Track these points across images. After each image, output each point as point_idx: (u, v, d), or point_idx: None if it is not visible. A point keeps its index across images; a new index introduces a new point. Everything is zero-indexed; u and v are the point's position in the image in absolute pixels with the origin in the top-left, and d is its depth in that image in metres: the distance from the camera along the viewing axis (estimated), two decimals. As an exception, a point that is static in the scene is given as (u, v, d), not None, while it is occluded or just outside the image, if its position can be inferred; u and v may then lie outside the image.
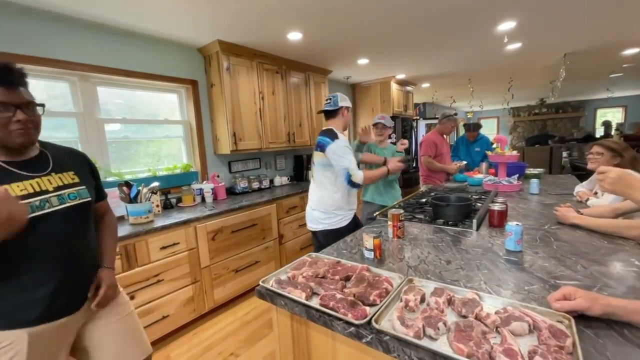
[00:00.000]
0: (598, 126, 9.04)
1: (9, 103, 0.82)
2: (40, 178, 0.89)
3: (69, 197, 0.93)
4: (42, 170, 0.92)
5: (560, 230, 1.43)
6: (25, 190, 0.85)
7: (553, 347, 0.64)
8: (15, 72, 0.85)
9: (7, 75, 0.83)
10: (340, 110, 1.94)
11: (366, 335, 0.75)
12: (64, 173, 0.96)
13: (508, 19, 2.58)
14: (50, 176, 0.92)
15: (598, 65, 4.58)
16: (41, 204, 0.86)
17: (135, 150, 2.58)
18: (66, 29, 2.05)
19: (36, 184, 0.87)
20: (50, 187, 0.90)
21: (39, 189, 0.87)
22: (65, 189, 0.93)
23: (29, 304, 0.87)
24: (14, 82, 0.84)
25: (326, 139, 1.84)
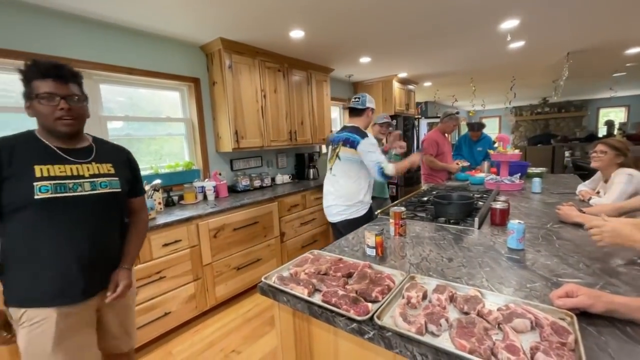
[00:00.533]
0: (601, 126, 9.01)
1: (54, 94, 0.94)
2: (80, 165, 1.01)
3: (100, 185, 1.04)
4: (84, 159, 1.03)
5: (563, 229, 1.43)
6: (64, 172, 0.97)
7: (555, 344, 0.64)
8: (64, 69, 0.99)
9: (58, 70, 0.96)
10: (366, 111, 2.08)
11: (368, 332, 0.76)
12: (102, 164, 1.07)
13: (511, 17, 2.57)
14: (90, 165, 1.04)
15: (601, 64, 4.55)
16: (74, 186, 0.97)
17: (137, 148, 2.59)
18: (69, 27, 2.06)
19: (75, 169, 0.99)
20: (87, 173, 1.01)
21: (76, 174, 0.99)
22: (99, 177, 1.04)
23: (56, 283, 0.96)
24: (62, 77, 0.96)
25: (356, 136, 1.95)
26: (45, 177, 0.93)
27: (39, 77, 0.94)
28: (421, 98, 7.14)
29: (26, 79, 0.96)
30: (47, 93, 0.94)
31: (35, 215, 0.92)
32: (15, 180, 0.90)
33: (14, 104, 1.98)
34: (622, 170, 1.71)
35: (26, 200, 0.91)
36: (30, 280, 0.95)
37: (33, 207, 0.91)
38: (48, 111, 0.95)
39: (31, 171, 0.92)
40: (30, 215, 0.92)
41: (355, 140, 1.93)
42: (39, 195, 0.91)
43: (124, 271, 1.15)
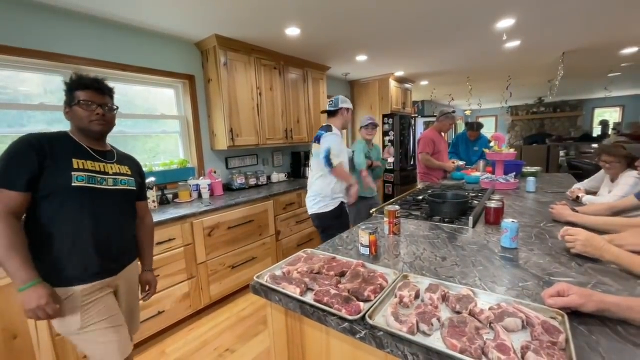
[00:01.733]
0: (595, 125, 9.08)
1: (94, 102, 1.12)
2: (106, 164, 1.18)
3: (121, 182, 1.20)
4: (109, 160, 1.21)
5: (556, 228, 1.43)
6: (94, 168, 1.13)
7: (546, 343, 0.64)
8: (103, 83, 1.17)
9: (99, 84, 1.15)
10: (340, 111, 2.23)
11: (360, 331, 0.75)
12: (122, 166, 1.25)
13: (507, 17, 2.57)
14: (114, 165, 1.21)
15: (597, 64, 4.58)
16: (101, 180, 1.13)
17: (132, 145, 2.56)
18: (62, 22, 2.03)
19: (103, 166, 1.16)
20: (111, 171, 1.18)
21: (104, 170, 1.16)
22: (120, 176, 1.21)
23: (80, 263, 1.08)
24: (100, 89, 1.15)
25: (321, 131, 2.17)
26: (81, 169, 1.08)
27: (81, 88, 1.11)
28: (418, 97, 7.14)
29: (70, 89, 1.12)
30: (88, 101, 1.11)
31: (68, 201, 1.05)
32: (56, 169, 1.04)
33: (8, 100, 1.95)
34: (631, 172, 1.73)
35: (65, 187, 1.04)
36: (57, 260, 1.05)
37: (69, 193, 1.05)
38: (86, 115, 1.12)
39: (70, 163, 1.07)
40: (64, 200, 1.05)
41: (320, 134, 2.15)
42: (75, 184, 1.05)
43: (149, 274, 1.42)
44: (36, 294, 0.97)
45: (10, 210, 0.98)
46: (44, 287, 0.99)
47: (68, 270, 1.06)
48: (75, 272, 1.07)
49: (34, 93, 2.07)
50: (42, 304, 0.97)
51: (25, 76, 2.03)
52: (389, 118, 4.66)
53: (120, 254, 1.22)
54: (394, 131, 4.64)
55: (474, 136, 3.62)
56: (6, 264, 0.96)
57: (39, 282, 0.99)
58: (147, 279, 1.41)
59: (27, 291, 0.97)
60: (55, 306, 1.01)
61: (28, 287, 0.97)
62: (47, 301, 0.98)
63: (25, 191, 1.00)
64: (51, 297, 1.00)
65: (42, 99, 2.08)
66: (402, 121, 4.65)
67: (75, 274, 1.07)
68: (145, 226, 1.42)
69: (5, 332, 1.41)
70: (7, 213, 0.98)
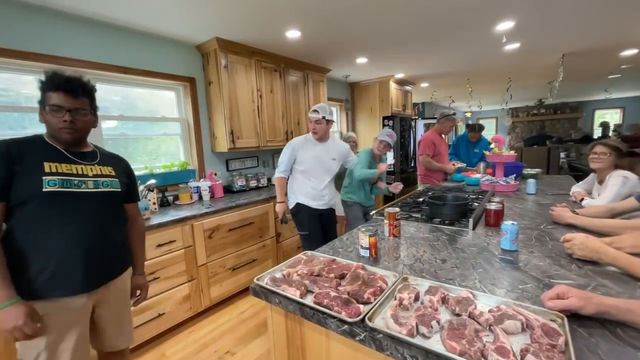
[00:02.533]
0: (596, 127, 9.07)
1: (61, 107, 1.03)
2: (84, 166, 1.11)
3: (102, 184, 1.13)
4: (88, 161, 1.13)
5: (556, 230, 1.44)
6: (70, 170, 1.06)
7: (545, 346, 0.64)
8: (76, 83, 1.06)
9: (68, 84, 1.04)
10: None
11: (359, 333, 0.75)
12: (105, 167, 1.17)
13: (506, 19, 2.58)
14: (93, 166, 1.13)
15: (596, 66, 4.59)
16: (79, 183, 1.06)
17: (133, 147, 2.57)
18: (65, 26, 2.04)
19: (80, 168, 1.09)
20: (90, 173, 1.11)
21: (81, 173, 1.08)
22: (101, 177, 1.13)
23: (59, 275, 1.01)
24: (72, 90, 1.04)
25: None
26: (54, 172, 1.01)
27: (52, 89, 1.03)
28: (418, 99, 7.15)
29: (42, 89, 1.04)
30: (56, 105, 1.03)
31: (41, 208, 0.99)
32: (26, 175, 0.98)
33: (11, 103, 1.96)
34: (617, 172, 1.72)
35: (35, 193, 0.97)
36: (35, 273, 0.99)
37: (40, 199, 0.98)
38: (54, 121, 1.04)
39: (41, 167, 1.00)
40: (37, 208, 0.99)
41: None
42: (46, 189, 0.98)
43: (140, 277, 1.36)
44: (12, 314, 0.91)
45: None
46: (22, 306, 0.93)
47: (43, 283, 0.99)
48: (51, 284, 1.00)
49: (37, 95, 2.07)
50: (19, 324, 0.92)
51: (26, 79, 2.04)
52: (389, 120, 4.66)
53: (108, 262, 1.15)
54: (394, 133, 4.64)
55: (475, 137, 3.62)
56: None
57: (16, 300, 0.93)
58: (138, 283, 1.35)
59: (4, 310, 0.91)
60: (35, 325, 0.95)
61: (5, 306, 0.91)
62: (25, 321, 0.92)
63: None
64: (28, 316, 0.94)
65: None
66: (402, 123, 4.66)
67: (50, 287, 1.00)
68: (136, 229, 1.35)
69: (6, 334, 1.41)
70: None
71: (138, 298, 1.36)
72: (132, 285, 1.33)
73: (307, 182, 2.19)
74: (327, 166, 2.21)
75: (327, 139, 2.22)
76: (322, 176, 2.20)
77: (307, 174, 2.18)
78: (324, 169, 2.19)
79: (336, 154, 2.23)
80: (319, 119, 2.08)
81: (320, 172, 2.19)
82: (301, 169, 2.18)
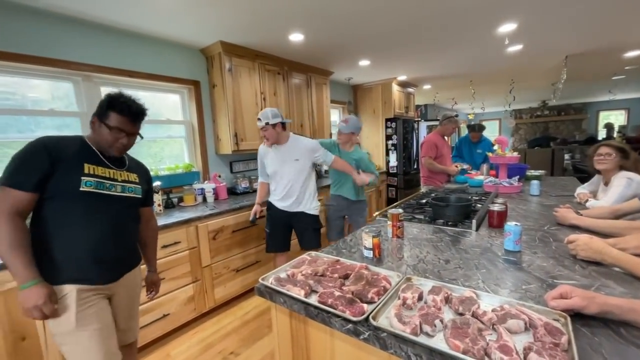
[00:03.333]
0: (600, 128, 9.02)
1: (124, 131, 1.15)
2: (116, 171, 1.20)
3: (128, 189, 1.22)
4: (118, 167, 1.22)
5: (560, 231, 1.44)
6: (104, 174, 1.15)
7: (548, 344, 0.64)
8: (141, 115, 1.20)
9: (134, 114, 1.17)
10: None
11: (363, 332, 0.76)
12: (131, 173, 1.27)
13: (509, 21, 2.59)
14: (122, 172, 1.23)
15: (600, 67, 4.57)
16: (109, 186, 1.15)
17: (137, 150, 2.59)
18: (71, 30, 2.08)
19: (112, 172, 1.18)
20: (120, 178, 1.20)
21: (112, 177, 1.18)
22: (128, 183, 1.23)
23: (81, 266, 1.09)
24: (136, 120, 1.19)
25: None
26: (91, 174, 1.10)
27: (118, 111, 1.13)
28: (421, 101, 7.16)
29: (107, 106, 1.13)
30: (118, 128, 1.13)
31: (74, 205, 1.07)
32: (67, 172, 1.05)
33: (17, 106, 2.00)
34: (622, 173, 1.71)
35: (72, 190, 1.05)
36: (57, 261, 1.06)
37: (76, 196, 1.06)
38: (109, 138, 1.14)
39: (81, 167, 1.08)
40: (69, 204, 1.06)
41: None
42: (83, 188, 1.07)
43: (154, 274, 1.49)
44: (35, 293, 0.98)
45: (16, 209, 1.00)
46: (43, 287, 1.00)
47: (66, 272, 1.06)
48: (73, 274, 1.07)
49: (43, 99, 2.11)
50: (39, 303, 0.98)
51: (34, 82, 2.07)
52: (392, 122, 4.67)
53: (122, 260, 1.23)
54: (397, 135, 4.65)
55: (476, 138, 3.62)
56: (8, 262, 0.98)
57: (39, 281, 1.00)
58: (152, 280, 1.48)
59: (26, 290, 0.98)
60: (52, 306, 1.01)
61: (28, 285, 0.98)
62: (45, 300, 0.99)
63: (33, 191, 1.02)
64: (48, 296, 1.00)
65: (50, 105, 2.13)
66: (404, 125, 4.66)
67: (73, 277, 1.07)
68: (150, 229, 1.45)
69: (15, 334, 1.43)
70: (13, 212, 0.99)
71: (152, 292, 1.49)
72: (147, 282, 1.47)
73: (275, 184, 2.24)
74: (293, 168, 2.17)
75: (286, 142, 2.18)
76: (289, 178, 2.18)
77: (274, 177, 2.23)
78: (288, 171, 2.17)
79: (299, 154, 2.17)
80: (263, 126, 2.07)
81: (285, 174, 2.17)
82: (269, 172, 2.25)
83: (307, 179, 2.23)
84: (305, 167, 2.19)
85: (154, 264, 1.50)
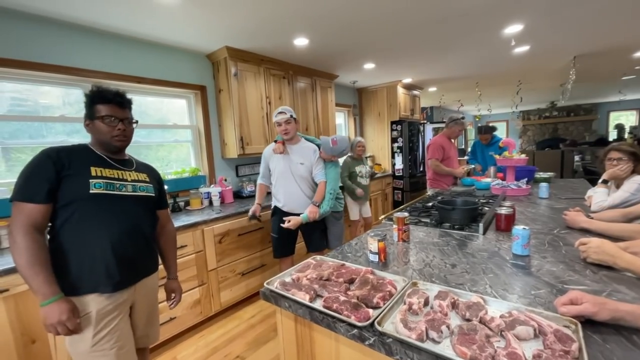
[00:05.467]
0: (611, 129, 8.85)
1: (116, 117, 1.14)
2: (124, 171, 1.20)
3: (139, 188, 1.22)
4: (127, 168, 1.23)
5: (570, 235, 1.41)
6: (113, 175, 1.15)
7: (558, 352, 0.63)
8: (125, 97, 1.19)
9: (121, 98, 1.16)
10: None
11: (369, 338, 0.75)
12: (140, 173, 1.26)
13: (515, 22, 2.57)
14: (131, 172, 1.23)
15: (609, 67, 4.50)
16: (120, 186, 1.15)
17: (145, 154, 2.64)
18: (82, 38, 2.13)
19: (121, 173, 1.19)
20: (129, 178, 1.20)
21: (122, 177, 1.18)
22: (138, 182, 1.23)
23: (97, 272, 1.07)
24: (123, 103, 1.17)
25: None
26: (99, 176, 1.11)
27: (103, 102, 1.13)
28: (426, 103, 7.13)
29: (91, 102, 1.13)
30: (110, 116, 1.13)
31: (87, 208, 1.06)
32: (74, 177, 1.06)
33: (29, 112, 2.05)
34: (635, 178, 1.67)
35: (82, 194, 1.05)
36: (81, 270, 1.06)
37: (87, 200, 1.06)
38: (107, 130, 1.14)
39: (88, 171, 1.09)
40: (82, 208, 1.06)
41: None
42: (93, 190, 1.07)
43: (174, 282, 1.44)
44: (58, 309, 0.97)
45: (32, 223, 0.99)
46: (66, 302, 0.99)
47: (86, 280, 1.05)
48: (95, 280, 1.06)
49: (54, 105, 2.16)
50: (63, 319, 0.97)
51: (45, 89, 2.12)
52: (398, 125, 4.66)
53: (140, 262, 1.21)
54: (403, 138, 4.63)
55: (486, 140, 3.58)
56: (29, 279, 0.96)
57: (61, 296, 0.99)
58: (172, 287, 1.43)
59: (49, 306, 0.96)
60: (76, 320, 1.01)
61: (50, 302, 0.97)
62: (68, 316, 0.98)
63: (46, 202, 1.01)
64: (72, 312, 1.00)
65: (61, 111, 2.17)
66: (410, 127, 4.64)
67: (94, 283, 1.06)
68: (167, 234, 1.42)
69: (25, 337, 1.46)
70: (29, 226, 0.98)
71: (173, 300, 1.43)
72: (167, 289, 1.43)
73: (280, 188, 2.21)
74: (297, 172, 2.14)
75: (297, 143, 2.19)
76: (294, 181, 2.16)
77: (279, 180, 2.20)
78: (293, 174, 2.15)
79: (304, 158, 2.15)
80: (287, 119, 2.06)
81: (290, 177, 2.16)
82: (274, 174, 2.22)
83: (312, 182, 2.22)
84: (309, 170, 2.19)
85: (174, 271, 1.44)
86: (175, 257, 1.46)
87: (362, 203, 3.43)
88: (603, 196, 1.74)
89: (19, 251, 0.96)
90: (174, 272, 1.44)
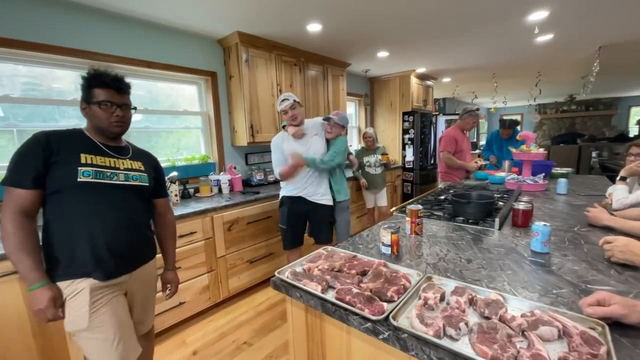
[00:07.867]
0: (632, 125, 8.51)
1: (114, 102, 1.11)
2: (117, 159, 1.16)
3: (132, 177, 1.17)
4: (123, 155, 1.19)
5: (592, 233, 1.35)
6: (104, 163, 1.11)
7: (585, 355, 0.60)
8: (123, 82, 1.15)
9: (119, 83, 1.12)
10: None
11: (383, 332, 0.73)
12: (135, 161, 1.22)
13: (540, 9, 2.44)
14: (125, 160, 1.18)
15: (636, 59, 4.28)
16: (111, 175, 1.11)
17: (155, 141, 2.64)
18: (91, 20, 2.10)
19: (113, 161, 1.14)
20: (122, 166, 1.16)
21: (114, 165, 1.13)
22: (131, 171, 1.18)
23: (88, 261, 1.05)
24: (121, 88, 1.13)
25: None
26: (89, 164, 1.06)
27: (101, 86, 1.09)
28: (439, 94, 6.95)
29: (89, 85, 1.09)
30: (107, 101, 1.09)
31: (75, 197, 1.03)
32: (63, 164, 1.02)
33: (42, 96, 2.05)
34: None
35: (70, 182, 1.02)
36: (67, 258, 1.04)
37: (74, 188, 1.02)
38: (104, 116, 1.10)
39: (78, 158, 1.05)
40: (71, 197, 1.03)
41: None
42: (81, 179, 1.03)
43: (171, 272, 1.40)
44: (40, 296, 0.97)
45: (21, 209, 0.98)
46: (48, 289, 0.98)
47: (78, 267, 1.04)
48: (87, 270, 1.04)
49: (67, 89, 2.16)
50: (42, 307, 0.97)
51: (58, 74, 2.12)
52: (410, 115, 4.56)
53: (134, 252, 1.17)
54: (414, 129, 4.54)
55: (507, 134, 3.48)
56: (16, 264, 0.97)
57: (45, 283, 0.98)
58: (168, 278, 1.39)
59: (33, 292, 0.97)
60: (56, 311, 1.00)
61: (34, 288, 0.97)
62: (47, 305, 0.97)
63: (34, 188, 0.99)
64: (52, 300, 0.99)
65: (74, 95, 2.17)
66: (422, 119, 4.54)
67: (85, 270, 1.04)
68: (166, 224, 1.38)
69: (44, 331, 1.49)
70: (17, 212, 0.97)
71: (169, 292, 1.40)
72: (163, 280, 1.39)
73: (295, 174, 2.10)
74: (316, 142, 2.15)
75: (303, 124, 2.18)
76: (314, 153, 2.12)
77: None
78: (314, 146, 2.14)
79: (316, 129, 2.18)
80: (292, 104, 2.04)
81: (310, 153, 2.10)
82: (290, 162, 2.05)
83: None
84: (322, 143, 2.18)
85: (171, 261, 1.40)
86: (174, 247, 1.41)
87: (375, 192, 3.44)
88: (624, 193, 1.66)
89: (6, 236, 0.97)
90: (171, 263, 1.40)
